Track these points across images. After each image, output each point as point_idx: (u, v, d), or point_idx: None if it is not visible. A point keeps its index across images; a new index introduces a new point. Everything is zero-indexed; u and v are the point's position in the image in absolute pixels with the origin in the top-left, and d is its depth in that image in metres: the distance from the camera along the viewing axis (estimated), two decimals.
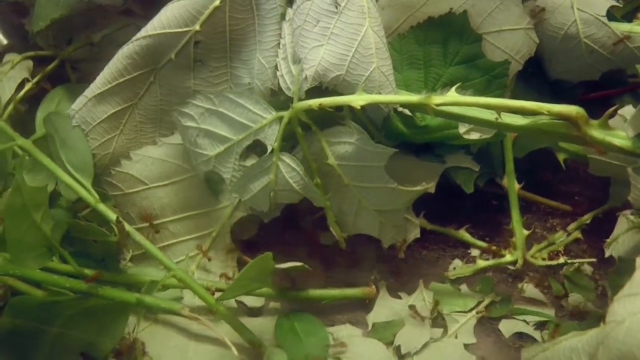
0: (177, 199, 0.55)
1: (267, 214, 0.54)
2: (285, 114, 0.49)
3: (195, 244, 0.55)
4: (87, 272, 0.52)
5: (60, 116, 0.54)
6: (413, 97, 0.45)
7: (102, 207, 0.51)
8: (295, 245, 0.57)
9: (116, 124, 0.54)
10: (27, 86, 0.61)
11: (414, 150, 0.53)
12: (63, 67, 0.61)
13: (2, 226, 0.49)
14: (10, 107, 0.64)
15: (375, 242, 0.54)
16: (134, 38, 0.51)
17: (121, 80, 0.52)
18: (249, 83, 0.52)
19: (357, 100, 0.46)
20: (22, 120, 0.64)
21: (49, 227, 0.51)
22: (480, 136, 0.49)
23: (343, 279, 0.55)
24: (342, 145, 0.49)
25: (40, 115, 0.57)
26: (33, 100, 0.62)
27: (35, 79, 0.60)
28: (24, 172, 0.57)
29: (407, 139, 0.52)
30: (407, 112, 0.50)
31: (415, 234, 0.52)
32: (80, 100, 0.53)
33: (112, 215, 0.50)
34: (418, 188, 0.50)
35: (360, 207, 0.51)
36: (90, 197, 0.51)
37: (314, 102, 0.48)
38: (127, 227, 0.50)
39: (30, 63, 0.60)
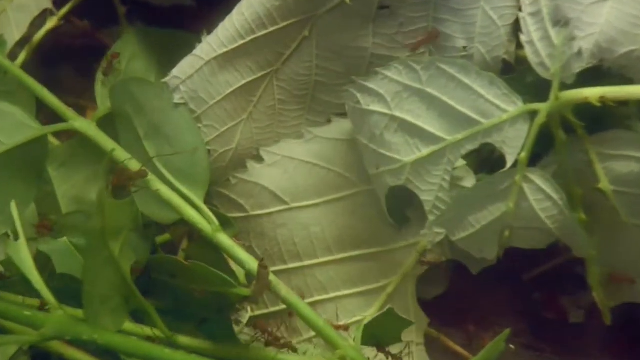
0: (334, 229, 0.55)
1: (481, 263, 0.55)
2: (542, 108, 0.48)
3: (359, 302, 0.56)
4: (183, 339, 0.52)
5: (148, 86, 0.53)
6: None
7: (225, 240, 0.50)
8: (504, 314, 0.58)
9: (244, 103, 0.54)
10: (51, 22, 0.60)
11: None
12: None
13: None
14: (23, 55, 0.62)
15: None
16: None
17: (260, 34, 0.52)
18: (464, 48, 0.52)
19: None
20: (39, 76, 0.64)
21: (129, 266, 0.49)
22: None
23: None
24: (622, 162, 0.49)
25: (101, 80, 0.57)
26: (56, 46, 0.66)
27: (63, 11, 0.60)
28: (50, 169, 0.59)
29: None
30: None
31: None
32: (190, 63, 0.53)
33: (243, 255, 0.50)
34: None
35: None
36: (205, 221, 0.51)
37: (593, 93, 0.46)
38: (272, 276, 0.49)
39: None
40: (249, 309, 0.55)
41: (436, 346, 0.58)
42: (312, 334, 0.54)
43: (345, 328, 0.54)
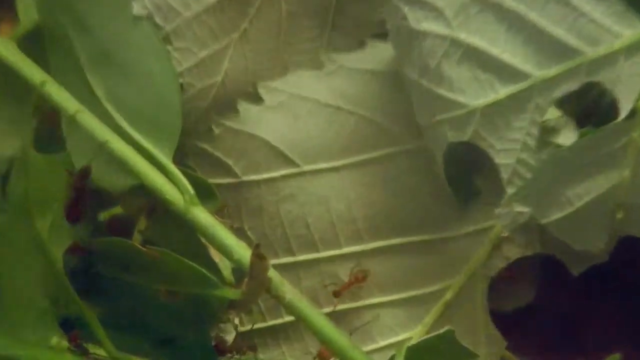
0: (366, 205, 0.57)
1: (584, 259, 0.57)
2: None
3: (402, 315, 0.58)
4: None
5: None
6: None
7: (203, 217, 0.52)
8: (621, 336, 0.60)
9: (235, 17, 0.56)
10: None
11: None
12: None
13: None
14: None
15: None
16: None
17: None
18: None
19: None
20: None
21: (61, 252, 0.53)
22: None
23: None
24: None
25: None
26: None
27: None
28: None
29: None
30: None
31: None
32: None
33: (230, 240, 0.52)
34: None
35: None
36: (174, 190, 0.53)
37: None
38: (273, 272, 0.51)
39: None
40: (237, 320, 0.57)
41: None
42: None
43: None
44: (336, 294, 0.56)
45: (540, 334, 0.60)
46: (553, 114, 0.54)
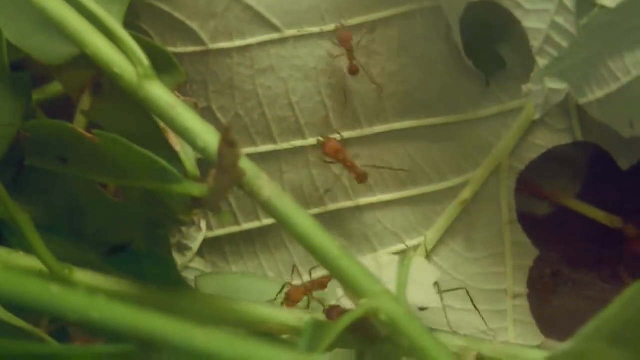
0: (365, 78, 0.57)
1: (633, 149, 0.56)
2: None
3: (409, 215, 0.59)
4: (83, 276, 0.53)
5: None
6: None
7: (160, 94, 0.52)
8: None
9: None
10: None
11: None
12: None
13: None
14: None
15: None
16: None
17: None
18: None
19: None
20: None
21: None
22: None
23: None
24: None
25: None
26: None
27: None
28: None
29: None
30: None
31: None
32: None
33: (195, 122, 0.51)
34: None
35: None
36: (125, 60, 0.52)
37: None
38: (248, 163, 0.50)
39: None
40: (202, 223, 0.58)
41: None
42: (320, 270, 0.55)
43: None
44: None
45: (579, 242, 0.61)
46: None
